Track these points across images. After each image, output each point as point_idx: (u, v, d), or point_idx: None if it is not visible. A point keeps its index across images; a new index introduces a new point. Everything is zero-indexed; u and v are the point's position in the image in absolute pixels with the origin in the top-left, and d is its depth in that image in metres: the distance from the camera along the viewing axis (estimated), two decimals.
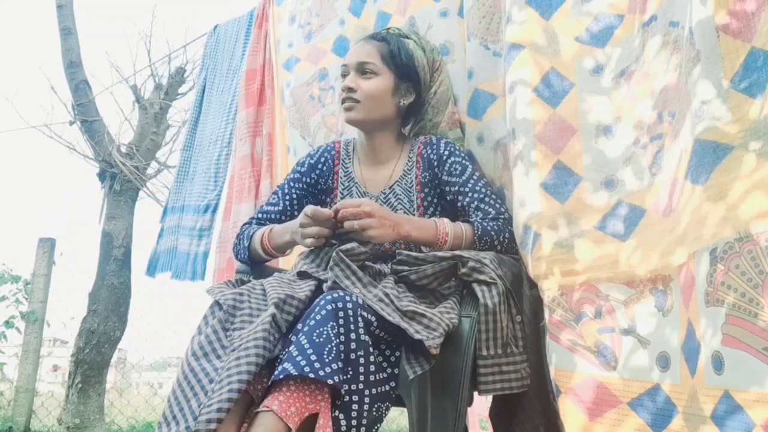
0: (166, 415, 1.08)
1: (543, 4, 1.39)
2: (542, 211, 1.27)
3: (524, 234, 1.30)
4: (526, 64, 1.37)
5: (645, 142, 1.16)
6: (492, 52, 1.62)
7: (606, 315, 1.16)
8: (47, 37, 19.71)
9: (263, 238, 1.50)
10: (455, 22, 1.81)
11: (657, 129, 1.14)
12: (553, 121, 1.31)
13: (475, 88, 1.64)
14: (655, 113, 1.15)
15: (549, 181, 1.28)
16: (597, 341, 1.15)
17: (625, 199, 1.18)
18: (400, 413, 3.38)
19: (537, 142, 1.31)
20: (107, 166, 3.55)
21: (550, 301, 1.24)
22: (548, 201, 1.27)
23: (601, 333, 1.15)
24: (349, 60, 1.55)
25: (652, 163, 1.13)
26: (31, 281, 3.83)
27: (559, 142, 1.29)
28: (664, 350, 1.05)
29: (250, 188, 2.36)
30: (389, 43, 1.54)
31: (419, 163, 1.55)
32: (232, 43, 2.78)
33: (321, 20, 2.27)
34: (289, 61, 2.36)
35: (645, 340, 1.09)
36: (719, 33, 0.95)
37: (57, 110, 9.38)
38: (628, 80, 1.23)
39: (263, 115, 2.47)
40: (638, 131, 1.18)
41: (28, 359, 3.62)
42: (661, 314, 1.07)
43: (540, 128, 1.32)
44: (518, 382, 1.23)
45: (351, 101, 1.52)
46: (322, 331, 1.07)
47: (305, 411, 1.03)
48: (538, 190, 1.29)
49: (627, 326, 1.12)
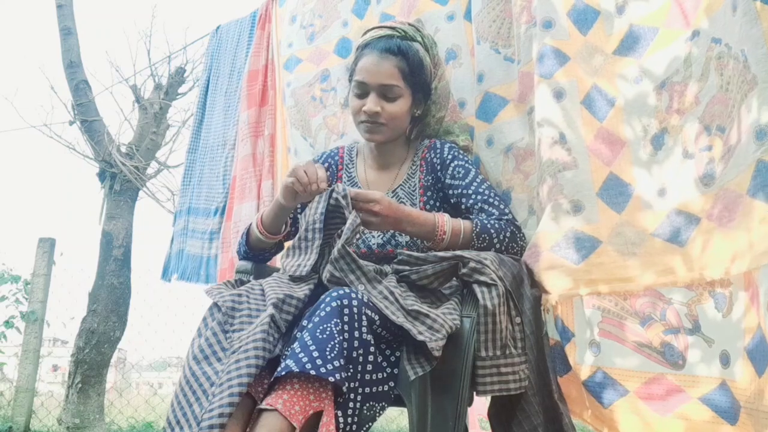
0: (170, 420, 1.08)
1: (580, 18, 1.44)
2: (601, 221, 1.32)
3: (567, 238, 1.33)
4: (573, 75, 1.41)
5: (693, 152, 1.20)
6: (503, 56, 1.63)
7: (671, 317, 1.23)
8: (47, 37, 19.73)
9: (258, 218, 1.52)
10: (462, 25, 1.82)
11: (705, 141, 1.17)
12: (602, 135, 1.36)
13: (485, 91, 1.64)
14: (702, 126, 1.19)
15: (603, 191, 1.33)
16: (663, 341, 1.23)
17: (678, 207, 1.21)
18: (400, 413, 3.38)
19: (590, 153, 1.36)
20: (107, 166, 3.55)
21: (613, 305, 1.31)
22: (605, 211, 1.32)
23: (667, 334, 1.23)
24: (370, 80, 1.48)
25: (704, 173, 1.17)
26: (31, 281, 3.83)
27: (610, 155, 1.34)
28: (725, 348, 1.13)
29: (251, 188, 2.37)
30: (407, 58, 1.49)
31: (423, 167, 1.56)
32: (234, 44, 2.77)
33: (324, 21, 2.27)
34: (289, 61, 2.36)
35: (709, 339, 1.17)
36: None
37: (57, 110, 9.37)
38: (670, 92, 1.27)
39: (265, 116, 2.47)
40: (686, 142, 1.22)
41: (27, 359, 3.62)
42: (721, 315, 1.14)
43: (590, 140, 1.36)
44: (516, 384, 1.23)
45: (376, 124, 1.51)
46: (325, 328, 1.07)
47: (309, 409, 1.03)
48: (596, 199, 1.34)
49: (691, 326, 1.20)
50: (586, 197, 1.34)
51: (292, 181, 1.36)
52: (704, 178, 1.17)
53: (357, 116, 1.53)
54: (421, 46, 1.53)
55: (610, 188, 1.33)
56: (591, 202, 1.34)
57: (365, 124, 1.51)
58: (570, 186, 1.35)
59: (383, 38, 1.51)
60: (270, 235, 1.51)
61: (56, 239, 3.95)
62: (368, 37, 1.55)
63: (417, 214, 1.43)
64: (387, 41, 1.50)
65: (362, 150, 1.66)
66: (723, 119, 1.14)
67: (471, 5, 1.75)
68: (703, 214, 1.16)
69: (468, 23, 1.79)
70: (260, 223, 1.51)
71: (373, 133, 1.52)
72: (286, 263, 1.35)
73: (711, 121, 1.17)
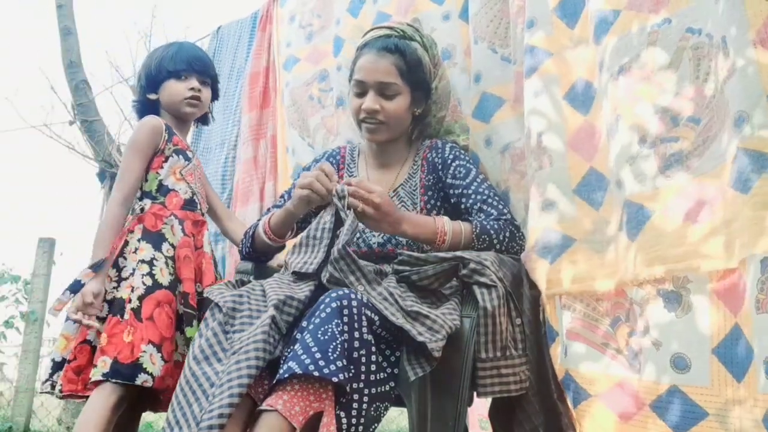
0: (170, 420, 1.08)
1: (567, 12, 1.41)
2: (578, 217, 1.29)
3: (545, 237, 1.31)
4: (554, 70, 1.39)
5: (652, 142, 1.16)
6: (500, 56, 1.63)
7: (632, 318, 1.17)
8: (47, 37, 19.75)
9: (265, 222, 1.52)
10: (457, 25, 1.82)
11: (671, 132, 1.14)
12: (584, 129, 1.33)
13: (482, 91, 1.64)
14: (668, 116, 1.15)
15: (581, 187, 1.30)
16: (628, 344, 1.17)
17: (629, 198, 1.17)
18: (400, 413, 3.38)
19: (569, 149, 1.33)
20: (107, 166, 3.55)
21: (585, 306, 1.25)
22: (582, 207, 1.29)
23: (631, 336, 1.17)
24: (368, 78, 1.49)
25: (663, 165, 1.14)
26: (31, 281, 3.82)
27: (591, 149, 1.31)
28: (680, 352, 1.06)
29: (254, 192, 2.36)
30: (405, 56, 1.49)
31: (424, 167, 1.56)
32: (235, 45, 2.77)
33: (322, 21, 2.27)
34: (287, 60, 2.36)
35: (657, 342, 1.10)
36: (757, 46, 0.97)
37: (57, 110, 9.37)
38: (627, 77, 1.22)
39: (267, 118, 2.47)
40: (641, 131, 1.18)
41: (27, 359, 3.61)
42: (674, 315, 1.08)
43: (571, 136, 1.34)
44: (516, 385, 1.23)
45: (375, 123, 1.51)
46: (326, 329, 1.07)
47: (310, 410, 1.03)
48: (571, 196, 1.31)
49: (644, 328, 1.13)
50: (561, 195, 1.32)
51: (307, 194, 1.35)
52: (665, 169, 1.13)
53: (357, 115, 1.53)
54: (420, 45, 1.54)
55: (590, 184, 1.30)
56: (567, 200, 1.31)
57: (365, 124, 1.52)
58: (546, 183, 1.34)
59: (381, 38, 1.52)
60: (278, 239, 1.52)
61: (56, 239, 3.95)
62: (367, 37, 1.56)
63: (416, 216, 1.43)
64: (384, 40, 1.51)
65: (364, 150, 1.67)
66: (698, 110, 1.11)
67: (468, 4, 1.75)
68: (658, 207, 1.12)
69: (463, 23, 1.79)
70: (268, 228, 1.51)
71: (374, 132, 1.52)
72: (292, 260, 1.35)
73: (680, 112, 1.13)
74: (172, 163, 1.66)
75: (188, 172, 1.69)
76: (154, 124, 1.66)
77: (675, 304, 1.08)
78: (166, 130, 1.67)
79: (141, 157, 1.63)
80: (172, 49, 1.75)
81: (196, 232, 1.66)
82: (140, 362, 1.40)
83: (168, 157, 1.66)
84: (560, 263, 1.28)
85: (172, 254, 1.57)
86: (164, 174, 1.65)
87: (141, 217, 1.59)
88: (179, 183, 1.66)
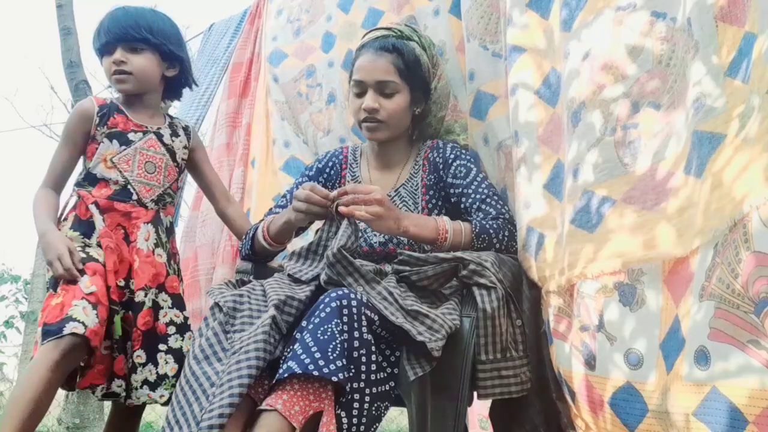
0: (169, 419, 1.08)
1: (542, 4, 1.39)
2: (547, 213, 1.27)
3: (528, 236, 1.31)
4: (527, 66, 1.37)
5: (613, 128, 1.12)
6: (491, 52, 1.62)
7: (584, 312, 1.13)
8: (47, 37, 19.76)
9: (264, 227, 1.52)
10: (447, 20, 1.81)
11: (632, 118, 1.10)
12: (554, 121, 1.31)
13: (477, 89, 1.64)
14: (628, 101, 1.11)
15: (550, 181, 1.28)
16: (581, 340, 1.13)
17: (591, 188, 1.13)
18: (400, 413, 3.38)
19: (540, 144, 1.31)
20: None
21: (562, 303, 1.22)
22: (551, 202, 1.27)
23: (583, 331, 1.13)
24: (367, 77, 1.50)
25: (625, 152, 1.10)
26: (31, 281, 3.83)
27: (558, 140, 1.29)
28: (633, 347, 1.02)
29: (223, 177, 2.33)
30: (402, 55, 1.50)
31: (425, 167, 1.57)
32: (220, 37, 2.79)
33: (310, 16, 2.27)
34: (273, 54, 2.36)
35: (612, 337, 1.07)
36: (718, 22, 0.93)
37: (57, 110, 9.39)
38: (591, 63, 1.19)
39: (244, 107, 2.47)
40: (604, 117, 1.14)
41: (28, 359, 3.61)
42: (628, 309, 1.04)
43: (542, 130, 1.32)
44: (517, 387, 1.23)
45: (375, 122, 1.51)
46: (326, 329, 1.08)
47: (309, 409, 1.03)
48: (542, 192, 1.29)
49: (598, 322, 1.10)
50: (534, 192, 1.30)
51: (306, 208, 1.34)
52: (625, 157, 1.09)
53: (357, 115, 1.54)
54: (418, 45, 1.55)
55: (556, 176, 1.27)
56: (539, 196, 1.29)
57: (365, 123, 1.52)
58: (523, 182, 1.33)
59: (379, 38, 1.54)
60: (276, 244, 1.52)
61: None
62: (365, 38, 1.58)
63: (417, 215, 1.44)
64: (382, 40, 1.53)
65: (365, 150, 1.68)
66: (658, 95, 1.06)
67: (460, 0, 1.73)
68: (618, 195, 1.08)
69: (453, 18, 1.78)
70: (267, 234, 1.51)
71: (374, 131, 1.53)
72: (288, 265, 1.35)
73: (641, 97, 1.09)
74: (103, 150, 1.52)
75: (123, 159, 1.52)
76: (85, 107, 1.54)
77: (630, 297, 1.04)
78: (102, 112, 1.53)
79: (67, 143, 1.54)
80: (99, 25, 1.57)
81: (128, 224, 1.51)
82: (69, 314, 1.29)
83: (100, 143, 1.52)
84: (540, 260, 1.27)
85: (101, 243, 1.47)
86: (93, 163, 1.52)
87: (76, 205, 1.51)
88: (110, 171, 1.51)
